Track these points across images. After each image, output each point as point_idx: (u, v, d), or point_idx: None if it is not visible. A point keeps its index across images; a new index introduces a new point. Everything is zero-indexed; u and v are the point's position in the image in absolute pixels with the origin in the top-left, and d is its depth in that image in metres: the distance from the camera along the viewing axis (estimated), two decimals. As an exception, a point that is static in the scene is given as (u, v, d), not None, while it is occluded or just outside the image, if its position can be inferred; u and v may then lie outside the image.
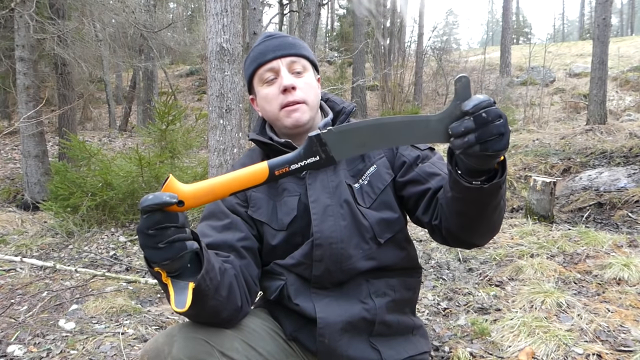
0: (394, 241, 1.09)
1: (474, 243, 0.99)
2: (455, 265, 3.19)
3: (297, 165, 0.77)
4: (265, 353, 1.02)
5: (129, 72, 14.92)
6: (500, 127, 0.72)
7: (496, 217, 0.91)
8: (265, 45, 1.10)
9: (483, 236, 0.97)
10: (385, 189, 1.09)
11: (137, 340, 2.19)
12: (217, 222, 1.08)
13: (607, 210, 4.54)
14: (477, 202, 0.85)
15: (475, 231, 0.95)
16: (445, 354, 1.97)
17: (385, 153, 1.13)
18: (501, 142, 0.72)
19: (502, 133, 0.72)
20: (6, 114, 12.02)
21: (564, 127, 10.16)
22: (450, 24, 36.34)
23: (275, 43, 1.10)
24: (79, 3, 7.18)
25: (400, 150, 1.13)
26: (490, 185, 0.80)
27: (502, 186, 0.83)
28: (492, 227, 0.95)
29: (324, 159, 0.76)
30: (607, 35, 7.89)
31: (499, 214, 0.92)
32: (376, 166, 1.11)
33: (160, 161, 4.89)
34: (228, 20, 3.30)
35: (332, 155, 0.76)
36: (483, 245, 1.00)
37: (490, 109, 0.71)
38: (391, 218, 1.08)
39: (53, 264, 3.48)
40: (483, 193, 0.82)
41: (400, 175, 1.10)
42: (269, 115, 1.12)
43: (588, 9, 41.53)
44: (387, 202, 1.09)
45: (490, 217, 0.90)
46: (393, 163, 1.12)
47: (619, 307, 2.23)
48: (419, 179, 1.06)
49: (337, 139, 0.76)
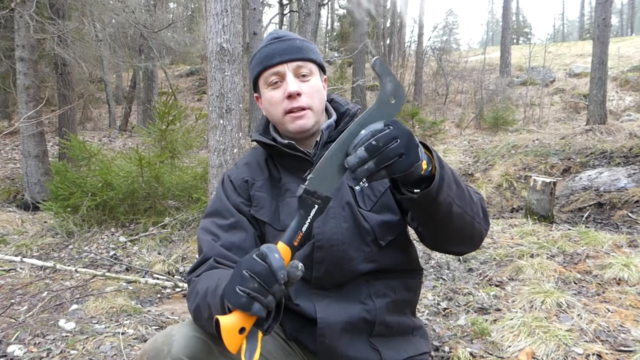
0: (395, 243, 1.09)
1: (450, 250, 1.04)
2: (455, 265, 3.19)
3: (306, 225, 0.79)
4: (265, 353, 1.02)
5: (129, 72, 14.92)
6: (396, 149, 0.73)
7: (455, 226, 0.93)
8: (272, 48, 1.09)
9: (452, 244, 1.01)
10: (386, 191, 1.09)
11: (137, 340, 2.19)
12: (222, 220, 1.08)
13: (607, 210, 4.54)
14: (423, 210, 0.89)
15: (440, 238, 0.98)
16: (445, 354, 1.97)
17: None
18: (405, 162, 0.74)
19: (400, 154, 0.74)
20: (6, 114, 12.02)
21: (564, 127, 10.17)
22: (450, 24, 36.27)
23: (283, 46, 1.08)
24: (79, 3, 7.17)
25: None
26: (420, 195, 0.83)
27: (439, 195, 0.84)
28: (455, 236, 0.97)
29: (322, 202, 0.79)
30: (607, 35, 7.89)
31: (458, 222, 0.92)
32: None
33: (160, 161, 4.89)
34: (228, 20, 3.29)
35: (326, 196, 0.79)
36: (462, 254, 1.03)
37: (380, 136, 0.73)
38: (392, 220, 1.08)
39: (53, 264, 3.48)
40: (420, 202, 0.85)
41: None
42: (273, 118, 1.12)
43: (588, 9, 41.52)
44: (388, 204, 1.09)
45: (446, 226, 0.92)
46: None
47: (619, 307, 2.23)
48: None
49: (319, 181, 0.79)
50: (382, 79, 0.78)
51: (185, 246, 3.98)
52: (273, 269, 0.73)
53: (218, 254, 1.02)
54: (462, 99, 14.85)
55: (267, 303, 0.74)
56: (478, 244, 1.02)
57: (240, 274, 0.75)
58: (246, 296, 0.73)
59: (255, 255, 0.76)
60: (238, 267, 0.77)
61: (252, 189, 1.12)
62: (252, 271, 0.74)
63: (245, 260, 0.76)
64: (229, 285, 0.76)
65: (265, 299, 0.73)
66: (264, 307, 0.74)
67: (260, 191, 1.11)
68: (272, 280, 0.73)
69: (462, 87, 15.34)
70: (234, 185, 1.13)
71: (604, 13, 7.81)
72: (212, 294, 0.88)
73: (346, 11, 19.82)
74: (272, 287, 0.73)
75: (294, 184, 1.09)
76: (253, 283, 0.73)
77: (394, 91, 0.79)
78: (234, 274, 0.77)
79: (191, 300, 0.96)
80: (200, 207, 4.49)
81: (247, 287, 0.73)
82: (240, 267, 0.76)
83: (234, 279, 0.76)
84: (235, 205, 1.10)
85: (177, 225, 4.42)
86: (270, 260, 0.73)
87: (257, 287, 0.73)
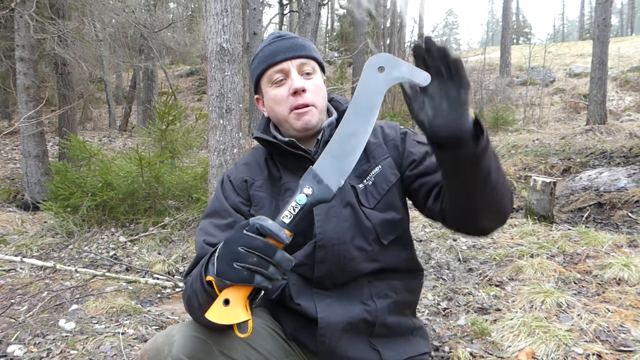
0: (397, 242, 1.09)
1: (481, 226, 0.96)
2: (455, 265, 3.19)
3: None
4: (264, 352, 1.02)
5: (129, 72, 14.92)
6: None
7: (491, 191, 0.87)
8: (275, 46, 1.09)
9: (485, 217, 0.93)
10: (390, 189, 1.09)
11: (137, 340, 2.19)
12: (220, 220, 1.08)
13: (607, 210, 4.54)
14: (462, 173, 0.84)
15: (474, 210, 0.92)
16: (445, 354, 1.97)
17: (390, 153, 1.12)
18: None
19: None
20: (6, 114, 12.02)
21: (564, 127, 10.16)
22: (450, 24, 36.26)
23: (286, 44, 1.09)
24: (79, 3, 7.17)
25: (408, 148, 1.11)
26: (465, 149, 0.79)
27: (482, 153, 0.80)
28: (491, 205, 0.90)
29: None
30: (607, 36, 7.89)
31: (495, 188, 0.87)
32: (381, 167, 1.10)
33: (160, 161, 4.89)
34: (228, 20, 3.29)
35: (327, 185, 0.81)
36: (490, 231, 0.98)
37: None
38: (395, 219, 1.08)
39: (53, 264, 3.48)
40: (462, 161, 0.81)
41: (410, 170, 1.09)
42: (277, 116, 1.11)
43: (588, 9, 41.53)
44: (392, 203, 1.08)
45: (483, 191, 0.87)
46: (400, 163, 1.11)
47: (619, 307, 2.23)
48: (429, 171, 1.06)
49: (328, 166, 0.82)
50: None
51: (185, 246, 3.98)
52: (275, 236, 0.74)
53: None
54: (462, 99, 14.79)
55: (269, 274, 0.75)
56: (505, 219, 0.96)
57: (233, 249, 0.75)
58: (247, 270, 0.74)
59: (246, 230, 0.76)
60: (228, 244, 0.77)
61: (251, 189, 1.12)
62: (249, 247, 0.74)
63: (237, 236, 0.76)
64: (221, 262, 0.76)
65: (267, 271, 0.75)
66: (267, 278, 0.75)
67: (259, 191, 1.11)
68: (270, 250, 0.74)
69: (462, 87, 15.28)
70: (233, 185, 1.13)
71: (604, 13, 7.81)
72: (196, 277, 0.89)
73: (346, 11, 19.82)
74: (274, 257, 0.75)
75: (294, 182, 1.09)
76: (252, 257, 0.74)
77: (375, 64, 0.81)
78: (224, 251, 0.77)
79: (184, 297, 0.97)
80: (200, 207, 4.49)
81: (246, 262, 0.74)
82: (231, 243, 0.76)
83: (224, 256, 0.76)
84: (233, 205, 1.10)
85: (177, 225, 4.42)
86: (269, 228, 0.74)
87: (256, 261, 0.74)
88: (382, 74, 0.81)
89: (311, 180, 0.80)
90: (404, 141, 1.13)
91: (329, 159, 0.81)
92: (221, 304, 0.76)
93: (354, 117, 0.83)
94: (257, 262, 0.74)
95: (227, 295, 0.76)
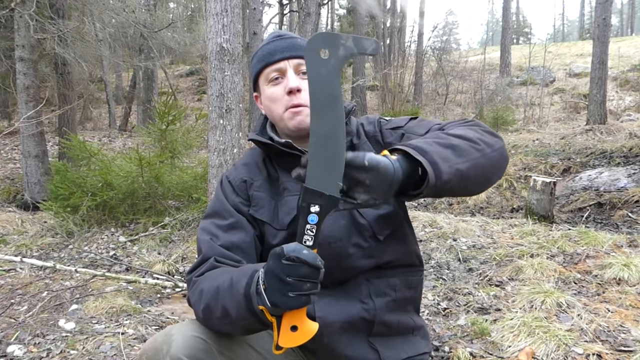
0: (394, 237, 1.09)
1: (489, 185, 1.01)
2: (455, 265, 3.19)
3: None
4: (263, 352, 1.02)
5: (129, 72, 14.92)
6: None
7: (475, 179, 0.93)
8: (274, 45, 1.10)
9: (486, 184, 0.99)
10: None
11: (137, 340, 2.19)
12: (222, 220, 1.08)
13: (607, 210, 4.54)
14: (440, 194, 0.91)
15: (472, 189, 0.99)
16: (445, 354, 1.97)
17: (375, 149, 1.12)
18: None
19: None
20: (6, 114, 12.01)
21: (564, 127, 10.17)
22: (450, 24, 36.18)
23: (285, 44, 1.10)
24: (79, 3, 7.18)
25: (387, 139, 1.13)
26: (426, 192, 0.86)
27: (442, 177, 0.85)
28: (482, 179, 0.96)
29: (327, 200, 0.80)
30: (607, 35, 7.89)
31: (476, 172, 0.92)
32: None
33: (160, 161, 4.89)
34: (228, 20, 3.29)
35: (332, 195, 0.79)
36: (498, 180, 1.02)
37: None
38: (389, 213, 1.08)
39: (53, 264, 3.48)
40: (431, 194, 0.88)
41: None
42: (273, 115, 1.12)
43: (588, 9, 41.52)
44: None
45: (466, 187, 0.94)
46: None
47: (619, 307, 2.23)
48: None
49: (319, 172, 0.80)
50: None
51: (185, 246, 3.98)
52: (314, 265, 0.78)
53: (218, 254, 1.02)
54: (462, 99, 14.85)
55: (317, 291, 0.81)
56: (505, 163, 1.00)
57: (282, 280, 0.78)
58: (304, 296, 0.78)
59: (285, 260, 0.78)
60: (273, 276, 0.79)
61: (250, 189, 1.12)
62: (298, 276, 0.78)
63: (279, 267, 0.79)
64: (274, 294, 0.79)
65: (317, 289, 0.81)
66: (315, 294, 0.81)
67: (259, 191, 1.11)
68: (316, 274, 0.79)
69: (462, 87, 15.34)
70: (233, 185, 1.13)
71: (604, 13, 7.82)
72: (225, 293, 0.89)
73: (346, 11, 19.82)
74: (319, 277, 0.80)
75: (291, 182, 1.09)
76: (305, 284, 0.78)
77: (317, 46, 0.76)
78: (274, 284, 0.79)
79: (196, 299, 0.96)
80: (200, 207, 4.49)
81: (301, 290, 0.78)
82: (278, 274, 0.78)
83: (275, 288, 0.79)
84: (234, 206, 1.10)
85: (177, 225, 4.42)
86: (305, 258, 0.78)
87: (310, 287, 0.79)
88: (327, 57, 0.75)
89: (312, 197, 0.79)
90: (382, 133, 1.15)
91: (317, 170, 0.78)
92: (289, 331, 0.82)
93: (320, 115, 0.78)
94: (311, 287, 0.79)
95: (292, 322, 0.81)
